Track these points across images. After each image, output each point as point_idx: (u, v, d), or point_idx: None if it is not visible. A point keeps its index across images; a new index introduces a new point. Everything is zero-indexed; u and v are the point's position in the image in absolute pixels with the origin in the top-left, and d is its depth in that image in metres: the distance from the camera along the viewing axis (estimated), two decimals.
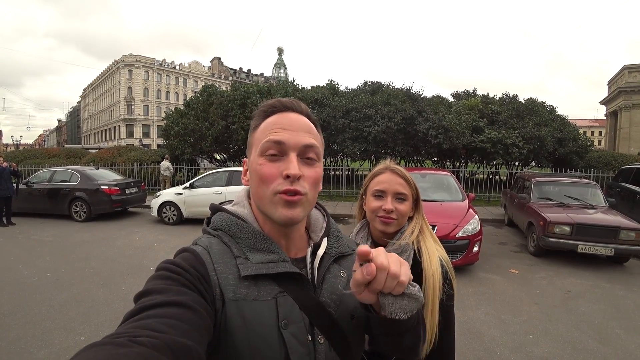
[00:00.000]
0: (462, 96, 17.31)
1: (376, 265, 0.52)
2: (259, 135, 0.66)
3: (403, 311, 0.57)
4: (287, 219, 0.63)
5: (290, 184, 0.61)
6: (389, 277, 0.53)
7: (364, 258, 0.52)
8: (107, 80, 58.49)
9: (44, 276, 4.71)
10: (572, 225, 5.30)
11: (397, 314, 0.57)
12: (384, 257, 0.53)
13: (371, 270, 0.52)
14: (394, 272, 0.53)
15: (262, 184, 0.63)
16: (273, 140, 0.63)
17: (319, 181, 0.67)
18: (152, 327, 0.46)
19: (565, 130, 12.84)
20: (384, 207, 1.08)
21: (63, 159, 15.64)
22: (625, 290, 4.49)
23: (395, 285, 0.53)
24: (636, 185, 7.11)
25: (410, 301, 0.57)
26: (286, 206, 0.62)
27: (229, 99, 12.72)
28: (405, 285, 0.54)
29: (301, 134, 0.65)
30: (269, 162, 0.63)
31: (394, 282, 0.53)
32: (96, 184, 8.61)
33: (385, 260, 0.53)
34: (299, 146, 0.64)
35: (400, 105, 11.81)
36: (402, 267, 0.55)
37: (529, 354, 3.03)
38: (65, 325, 3.38)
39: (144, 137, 52.77)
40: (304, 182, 0.63)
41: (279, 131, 0.64)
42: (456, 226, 4.90)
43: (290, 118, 0.66)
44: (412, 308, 0.58)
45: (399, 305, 0.57)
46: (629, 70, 29.84)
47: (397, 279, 0.53)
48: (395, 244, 1.07)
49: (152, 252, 5.87)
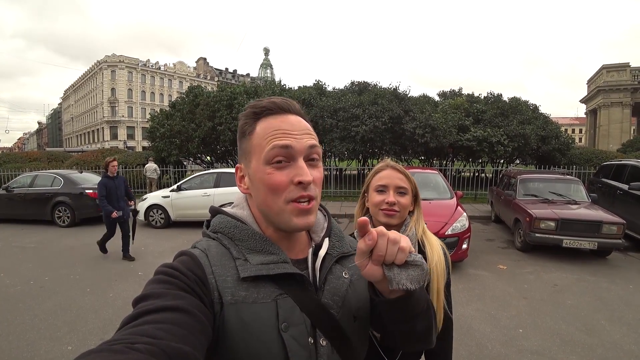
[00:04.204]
0: (448, 95, 17.60)
1: (377, 232, 0.54)
2: (258, 142, 0.64)
3: (409, 280, 0.56)
4: (303, 227, 0.63)
5: (303, 190, 0.61)
6: (389, 243, 0.54)
7: (364, 228, 0.54)
8: (89, 81, 57.10)
9: (27, 284, 4.55)
10: (557, 220, 5.44)
11: (404, 284, 0.56)
12: (383, 228, 0.56)
13: (372, 235, 0.54)
14: (393, 237, 0.55)
15: (272, 194, 0.62)
16: (280, 146, 0.61)
17: (322, 180, 0.67)
18: (149, 333, 0.45)
19: (548, 128, 13.17)
20: (387, 200, 1.16)
21: (44, 162, 15.16)
22: (608, 282, 4.63)
23: (397, 251, 0.54)
24: (616, 181, 7.32)
25: (415, 269, 0.56)
26: (300, 215, 0.62)
27: (215, 99, 12.61)
28: (407, 252, 0.55)
29: (304, 136, 0.64)
30: (277, 171, 0.61)
31: (395, 247, 0.54)
32: (80, 187, 8.39)
33: (384, 230, 0.55)
34: (305, 149, 0.63)
35: (388, 105, 11.90)
36: (402, 237, 0.56)
37: (520, 347, 3.09)
38: (51, 335, 3.27)
39: (128, 139, 51.79)
40: (313, 186, 0.62)
41: (283, 136, 0.62)
42: (445, 224, 4.95)
43: (290, 121, 0.64)
44: (418, 276, 0.57)
45: (404, 275, 0.56)
46: (607, 70, 30.88)
47: (398, 244, 0.54)
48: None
49: (140, 256, 5.75)
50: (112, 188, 5.41)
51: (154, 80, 55.90)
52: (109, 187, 5.39)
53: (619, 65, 30.98)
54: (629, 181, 6.74)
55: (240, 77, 69.16)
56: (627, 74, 30.46)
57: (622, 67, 30.78)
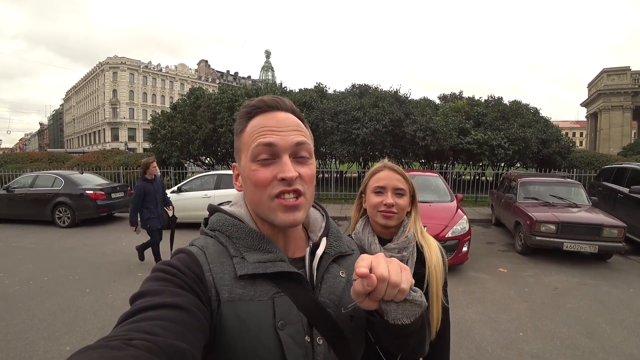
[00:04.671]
0: (449, 98, 17.62)
1: (376, 276, 0.52)
2: (246, 140, 0.65)
3: (406, 316, 0.57)
4: (289, 223, 0.63)
5: (286, 185, 0.61)
6: (389, 287, 0.53)
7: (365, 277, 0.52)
8: (91, 82, 57.35)
9: (27, 284, 4.55)
10: (558, 223, 5.42)
11: (400, 320, 0.57)
12: (383, 266, 0.53)
13: (371, 281, 0.52)
14: (394, 281, 0.52)
15: (257, 190, 0.63)
16: (263, 144, 0.62)
17: (314, 177, 0.67)
18: (146, 329, 0.46)
19: (548, 131, 13.16)
20: (385, 202, 1.14)
21: (45, 163, 15.16)
22: (609, 286, 4.61)
23: (396, 293, 0.53)
24: (617, 184, 7.31)
25: (413, 306, 0.57)
26: (286, 211, 0.62)
27: (216, 101, 12.62)
28: (406, 292, 0.54)
29: (290, 133, 0.64)
30: (262, 167, 0.62)
31: (395, 290, 0.53)
32: (81, 188, 8.40)
33: (386, 270, 0.53)
34: (290, 146, 0.63)
35: (388, 108, 11.90)
36: (403, 274, 0.54)
37: (520, 350, 3.07)
38: (49, 335, 3.27)
39: (129, 140, 51.91)
40: (301, 181, 0.62)
41: (268, 134, 0.62)
42: (445, 226, 4.94)
43: (277, 118, 0.64)
44: (414, 313, 0.58)
45: (401, 311, 0.57)
46: (607, 74, 30.92)
47: (398, 287, 0.53)
48: (402, 236, 1.15)
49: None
50: (151, 192, 4.88)
51: (155, 82, 56.13)
52: (148, 191, 4.85)
53: (620, 69, 31.05)
54: (630, 184, 6.72)
55: (242, 79, 69.40)
56: (627, 78, 30.51)
57: (623, 70, 30.84)
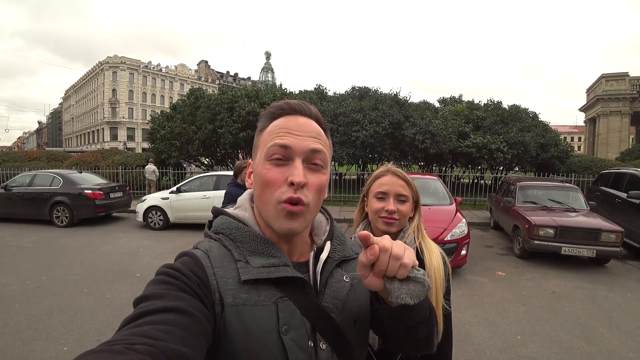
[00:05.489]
0: (448, 102, 17.69)
1: (379, 247, 0.53)
2: (265, 138, 0.65)
3: (409, 296, 0.56)
4: (286, 230, 0.62)
5: (293, 192, 0.60)
6: (391, 258, 0.54)
7: (365, 242, 0.54)
8: (90, 81, 57.19)
9: (24, 284, 4.53)
10: (556, 228, 5.44)
11: (404, 299, 0.56)
12: (387, 240, 0.55)
13: (374, 250, 0.53)
14: (396, 253, 0.54)
15: (266, 189, 0.62)
16: (279, 144, 0.62)
17: (324, 188, 0.66)
18: (149, 334, 0.45)
19: (547, 136, 13.23)
20: (387, 208, 1.12)
21: (44, 162, 15.15)
22: (607, 290, 4.62)
23: (398, 267, 0.54)
24: (615, 189, 7.34)
25: (416, 285, 0.56)
26: (287, 217, 0.61)
27: (216, 102, 12.61)
28: (409, 268, 0.55)
29: (308, 139, 0.63)
30: (274, 167, 0.62)
31: (397, 263, 0.54)
32: (79, 188, 8.37)
33: (389, 243, 0.55)
34: (305, 151, 0.62)
35: (388, 111, 11.94)
36: (406, 251, 0.55)
37: (518, 354, 3.07)
38: (47, 336, 3.25)
39: (128, 140, 51.78)
40: (307, 191, 0.62)
41: (286, 135, 0.62)
42: (444, 230, 4.95)
43: (298, 122, 0.64)
44: (418, 292, 0.57)
45: (405, 290, 0.56)
46: (606, 79, 31.02)
47: (400, 260, 0.54)
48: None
49: (138, 258, 5.74)
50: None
51: (155, 82, 56.02)
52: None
53: (618, 74, 31.14)
54: (628, 189, 6.76)
55: (242, 80, 69.40)
56: (626, 84, 30.60)
57: (621, 76, 30.94)
